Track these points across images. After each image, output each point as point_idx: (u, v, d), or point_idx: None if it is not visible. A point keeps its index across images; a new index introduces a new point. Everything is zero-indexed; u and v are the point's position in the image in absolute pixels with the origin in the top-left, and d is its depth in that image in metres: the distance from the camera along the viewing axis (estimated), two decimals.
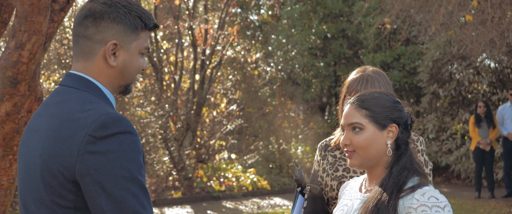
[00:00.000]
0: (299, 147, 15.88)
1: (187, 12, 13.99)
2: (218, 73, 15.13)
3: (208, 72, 14.26)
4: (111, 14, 2.04)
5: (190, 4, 14.10)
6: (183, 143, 13.76)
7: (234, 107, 15.06)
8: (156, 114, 13.24)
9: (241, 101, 16.43)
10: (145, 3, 15.23)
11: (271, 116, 16.21)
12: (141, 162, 1.95)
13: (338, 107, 3.10)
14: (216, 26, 14.43)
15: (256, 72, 18.47)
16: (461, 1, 10.46)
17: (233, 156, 15.43)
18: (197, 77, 14.07)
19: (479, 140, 11.85)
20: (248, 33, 20.08)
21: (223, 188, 13.00)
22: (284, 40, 18.31)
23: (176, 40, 14.25)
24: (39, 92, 3.40)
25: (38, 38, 3.14)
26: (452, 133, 14.37)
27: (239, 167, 14.36)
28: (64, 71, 12.49)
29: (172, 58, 14.36)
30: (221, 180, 13.28)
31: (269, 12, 20.84)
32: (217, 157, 14.79)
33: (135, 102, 13.50)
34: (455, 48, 14.01)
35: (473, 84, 14.92)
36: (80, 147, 1.89)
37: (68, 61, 12.58)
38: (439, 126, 14.62)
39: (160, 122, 13.14)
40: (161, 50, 14.24)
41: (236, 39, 16.03)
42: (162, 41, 14.67)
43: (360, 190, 2.44)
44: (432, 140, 14.61)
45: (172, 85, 13.90)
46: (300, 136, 16.51)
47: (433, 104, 15.16)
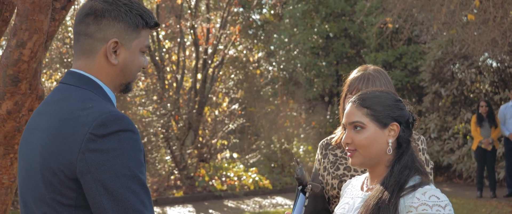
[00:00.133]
0: (301, 146, 15.87)
1: (189, 11, 13.99)
2: (220, 72, 15.13)
3: (210, 71, 14.25)
4: (112, 12, 2.04)
5: (192, 3, 14.10)
6: (185, 142, 13.76)
7: (236, 106, 15.06)
8: (158, 113, 13.24)
9: (243, 100, 16.43)
10: (147, 2, 15.22)
11: (273, 115, 16.20)
12: (142, 160, 1.95)
13: (339, 106, 3.10)
14: (218, 25, 14.42)
15: (258, 71, 18.48)
16: (463, 1, 10.45)
17: (235, 155, 15.43)
18: (199, 76, 14.07)
19: (481, 140, 11.83)
20: (250, 32, 20.10)
21: (225, 187, 12.99)
22: (286, 39, 18.31)
23: (178, 39, 14.24)
24: (40, 90, 3.39)
25: (39, 36, 3.14)
26: (454, 133, 14.36)
27: (241, 166, 14.36)
28: (66, 70, 12.47)
29: (174, 57, 14.36)
30: (223, 179, 13.28)
31: (271, 12, 20.85)
32: (219, 156, 14.80)
33: (137, 101, 13.50)
34: (457, 48, 14.00)
35: (475, 83, 14.91)
36: (80, 145, 1.89)
37: (70, 60, 12.58)
38: (441, 125, 14.61)
39: (162, 121, 13.15)
40: (163, 49, 14.23)
41: (238, 38, 16.01)
42: (164, 40, 14.67)
43: (362, 188, 2.44)
44: (434, 140, 14.60)
45: (174, 84, 13.90)
46: (302, 135, 16.51)
47: (435, 103, 15.15)
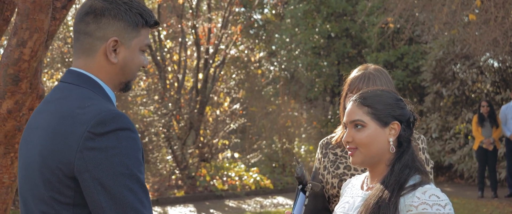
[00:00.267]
0: (303, 146, 15.87)
1: (191, 11, 13.98)
2: (222, 72, 15.12)
3: (211, 71, 14.25)
4: (112, 11, 2.04)
5: (194, 3, 14.10)
6: (186, 142, 13.76)
7: (237, 106, 15.06)
8: (159, 113, 13.24)
9: (244, 100, 16.43)
10: (149, 2, 15.22)
11: (274, 115, 16.20)
12: (140, 159, 1.95)
13: (340, 105, 3.10)
14: (219, 25, 14.43)
15: (260, 71, 18.47)
16: (464, 1, 10.44)
17: (236, 155, 15.43)
18: (200, 76, 14.07)
19: (482, 140, 11.83)
20: (252, 32, 20.09)
21: (226, 187, 12.99)
22: (287, 39, 18.31)
23: (180, 39, 14.24)
24: (40, 89, 3.39)
25: (39, 35, 3.14)
26: (455, 133, 14.35)
27: (242, 166, 14.36)
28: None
29: (175, 57, 14.36)
30: (224, 179, 13.28)
31: (273, 11, 20.85)
32: (220, 156, 14.80)
33: (139, 101, 13.51)
34: (458, 48, 13.99)
35: (477, 83, 14.89)
36: (79, 143, 1.89)
37: (71, 60, 12.59)
38: (442, 125, 14.60)
39: (163, 121, 13.14)
40: (165, 49, 14.24)
41: (239, 38, 16.01)
42: (166, 40, 14.67)
43: (362, 187, 2.44)
44: (435, 140, 14.59)
45: (175, 84, 13.90)
46: (303, 135, 16.50)
47: (436, 103, 15.14)
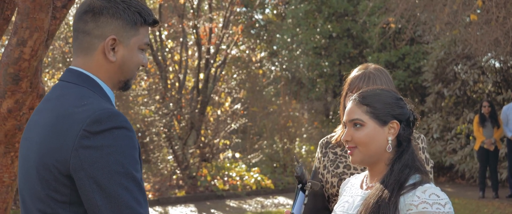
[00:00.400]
0: (304, 147, 15.86)
1: (192, 11, 13.99)
2: (223, 72, 15.12)
3: (212, 71, 14.25)
4: (110, 9, 2.04)
5: (195, 3, 14.10)
6: (187, 142, 13.76)
7: (238, 106, 15.06)
8: (160, 112, 13.24)
9: (245, 100, 16.43)
10: (150, 2, 15.23)
11: (276, 115, 16.19)
12: (137, 158, 1.94)
13: (340, 105, 3.10)
14: (220, 25, 14.43)
15: (261, 71, 18.47)
16: (466, 1, 10.43)
17: (237, 155, 15.42)
18: (201, 76, 14.07)
19: (483, 140, 11.81)
20: (253, 32, 20.10)
21: (227, 187, 12.99)
22: (288, 39, 18.31)
23: (181, 39, 14.25)
24: (41, 89, 3.39)
25: (39, 35, 3.14)
26: (456, 133, 14.33)
27: (243, 166, 14.36)
28: None
29: (176, 57, 14.37)
30: (225, 179, 13.28)
31: (274, 11, 20.86)
32: (221, 156, 14.79)
33: (140, 100, 13.51)
34: (460, 48, 13.98)
35: (478, 84, 14.88)
36: (74, 141, 1.89)
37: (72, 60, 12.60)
38: (443, 125, 14.58)
39: (164, 120, 13.15)
40: (166, 49, 14.24)
41: (240, 38, 16.01)
42: (167, 40, 14.68)
43: (361, 186, 2.43)
44: (437, 140, 14.57)
45: (177, 84, 13.90)
46: (304, 136, 16.50)
47: (437, 103, 15.13)
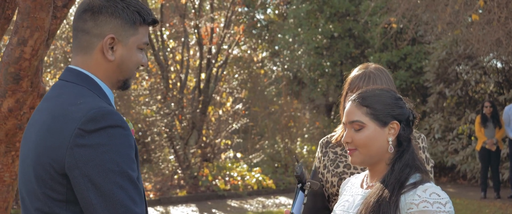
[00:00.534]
0: (305, 147, 15.86)
1: (193, 11, 13.99)
2: (224, 72, 15.13)
3: (214, 71, 14.25)
4: (109, 8, 2.05)
5: (197, 3, 14.10)
6: (189, 141, 13.77)
7: (239, 106, 15.06)
8: (161, 112, 13.25)
9: (247, 100, 16.43)
10: (152, 2, 15.23)
11: (277, 115, 16.19)
12: (133, 157, 1.94)
13: (340, 104, 3.09)
14: (222, 24, 14.43)
15: (262, 71, 18.47)
16: (468, 1, 10.42)
17: (238, 155, 15.42)
18: (203, 75, 14.07)
19: (485, 140, 11.80)
20: (254, 32, 20.09)
21: (228, 187, 12.99)
22: (290, 39, 18.30)
23: (182, 39, 14.26)
24: (41, 88, 3.39)
25: (40, 34, 3.14)
26: (458, 133, 14.32)
27: (245, 166, 14.36)
28: None
29: (178, 57, 14.37)
30: (227, 179, 13.28)
31: (276, 11, 20.85)
32: (223, 156, 14.79)
33: (141, 100, 13.52)
34: (462, 48, 13.96)
35: (480, 84, 14.86)
36: (69, 140, 1.90)
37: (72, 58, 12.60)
38: (445, 126, 14.57)
39: (165, 120, 13.15)
40: (167, 49, 14.24)
41: (242, 38, 16.01)
42: (168, 39, 14.68)
43: (362, 186, 2.43)
44: (438, 140, 14.55)
45: (178, 84, 13.91)
46: (306, 136, 16.49)
47: (439, 104, 15.11)
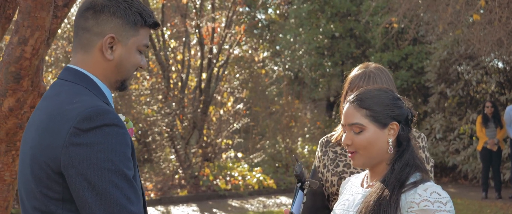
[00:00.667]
0: (306, 146, 15.86)
1: (195, 11, 13.99)
2: (225, 72, 15.13)
3: (215, 71, 14.26)
4: (111, 8, 2.06)
5: (198, 3, 14.10)
6: (190, 141, 13.77)
7: (241, 106, 15.05)
8: (162, 112, 13.25)
9: (248, 100, 16.43)
10: (153, 2, 15.24)
11: (278, 115, 16.19)
12: (129, 155, 1.94)
13: (340, 104, 3.09)
14: (223, 24, 14.42)
15: (263, 71, 18.47)
16: (469, 0, 10.42)
17: (239, 155, 15.42)
18: (204, 75, 14.07)
19: (486, 140, 11.79)
20: (256, 32, 20.09)
21: (229, 186, 12.99)
22: (291, 39, 18.30)
23: (183, 39, 14.26)
24: (42, 87, 3.40)
25: (41, 33, 3.14)
26: (459, 133, 14.30)
27: (246, 166, 14.36)
28: None
29: (179, 57, 14.37)
30: (227, 178, 13.28)
31: (277, 11, 20.84)
32: (224, 155, 14.79)
33: (142, 100, 13.52)
34: (463, 48, 13.96)
35: (481, 84, 14.85)
36: (65, 139, 1.90)
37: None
38: (446, 126, 14.56)
39: (166, 120, 13.16)
40: (168, 49, 14.25)
41: (243, 38, 16.01)
42: (170, 39, 14.69)
43: (362, 185, 2.43)
44: (439, 140, 14.54)
45: (179, 84, 13.91)
46: (307, 135, 16.49)
47: (440, 104, 15.10)
